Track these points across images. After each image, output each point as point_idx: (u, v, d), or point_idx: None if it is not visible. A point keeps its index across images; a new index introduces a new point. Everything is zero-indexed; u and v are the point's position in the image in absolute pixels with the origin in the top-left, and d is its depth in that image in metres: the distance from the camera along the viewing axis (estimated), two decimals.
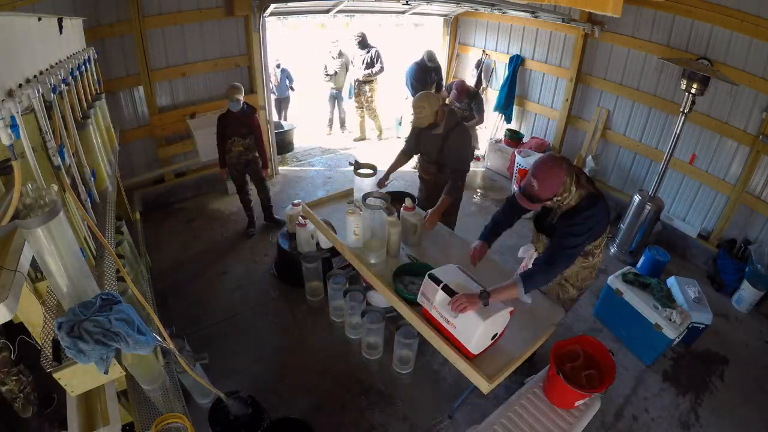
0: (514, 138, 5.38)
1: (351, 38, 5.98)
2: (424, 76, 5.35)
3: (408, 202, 2.56)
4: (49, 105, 1.60)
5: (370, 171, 2.49)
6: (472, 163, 3.22)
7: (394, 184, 5.05)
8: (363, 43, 5.82)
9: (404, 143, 3.18)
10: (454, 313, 1.77)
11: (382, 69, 5.91)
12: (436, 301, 1.86)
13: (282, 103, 6.64)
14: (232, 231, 4.23)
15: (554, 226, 2.03)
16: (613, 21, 4.14)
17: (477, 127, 5.10)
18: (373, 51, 5.83)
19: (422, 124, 2.79)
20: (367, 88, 6.05)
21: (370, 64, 5.83)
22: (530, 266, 2.12)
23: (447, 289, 1.81)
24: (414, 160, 3.48)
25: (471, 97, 4.82)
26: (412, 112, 2.83)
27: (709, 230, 3.97)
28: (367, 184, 2.48)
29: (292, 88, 6.68)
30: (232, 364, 2.81)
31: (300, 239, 3.32)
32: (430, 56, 5.33)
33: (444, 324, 1.87)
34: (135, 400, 1.79)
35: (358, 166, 2.52)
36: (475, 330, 1.74)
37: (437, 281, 1.84)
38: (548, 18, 4.55)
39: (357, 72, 6.00)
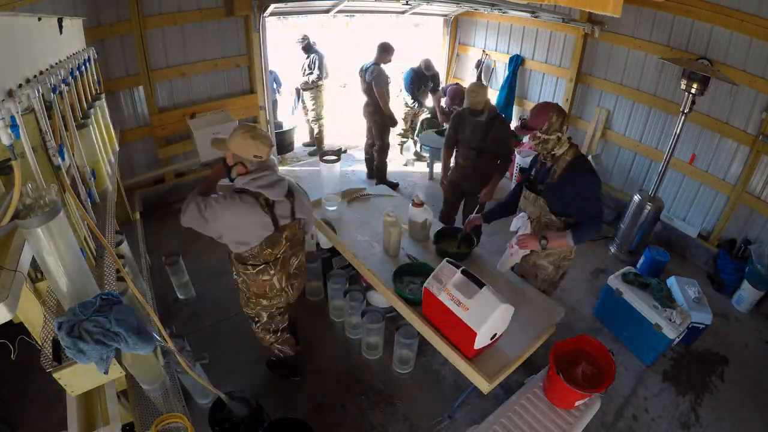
0: (513, 138, 5.38)
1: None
2: (421, 83, 5.26)
3: (417, 198, 2.58)
4: (49, 105, 1.60)
5: (334, 157, 2.56)
6: None
7: (401, 185, 5.07)
8: (306, 48, 5.53)
9: (444, 139, 3.52)
10: (468, 295, 1.78)
11: (319, 77, 5.54)
12: (450, 282, 1.83)
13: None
14: None
15: (555, 186, 2.20)
16: (613, 21, 4.14)
17: None
18: (313, 56, 5.49)
19: (477, 106, 3.09)
20: (307, 95, 5.74)
21: (309, 72, 5.55)
22: (521, 230, 2.32)
23: (466, 273, 1.83)
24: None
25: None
26: (466, 97, 3.11)
27: (709, 230, 3.97)
28: (333, 170, 2.59)
29: (278, 92, 6.49)
30: (232, 364, 2.81)
31: None
32: (428, 65, 5.17)
33: (453, 307, 1.79)
34: (135, 400, 1.79)
35: (323, 153, 2.60)
36: (491, 312, 1.70)
37: (456, 266, 1.88)
38: (548, 18, 4.55)
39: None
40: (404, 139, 5.89)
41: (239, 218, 1.83)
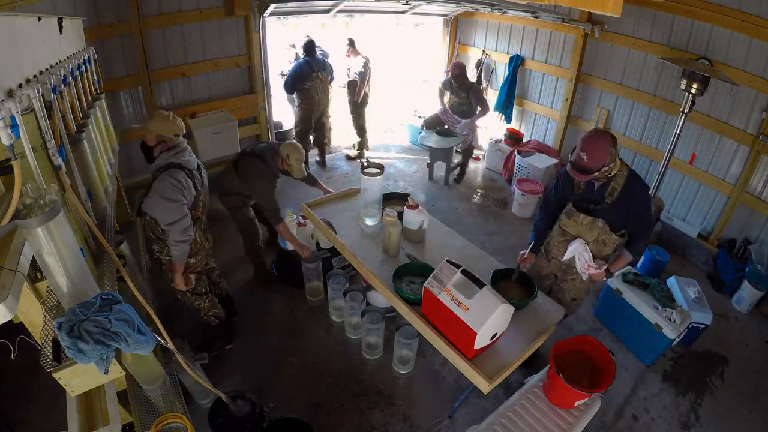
0: (514, 138, 5.39)
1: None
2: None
3: (411, 200, 2.57)
4: (49, 105, 1.60)
5: (377, 170, 2.53)
6: (471, 162, 3.25)
7: (397, 186, 5.07)
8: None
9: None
10: (468, 295, 1.77)
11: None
12: (450, 282, 1.83)
13: None
14: (231, 231, 4.22)
15: (615, 205, 2.19)
16: (613, 21, 4.14)
17: (481, 120, 5.11)
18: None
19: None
20: None
21: None
22: (585, 256, 2.36)
23: (466, 273, 1.83)
24: None
25: (467, 89, 4.90)
26: None
27: (709, 230, 3.97)
28: (374, 184, 2.54)
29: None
30: (232, 364, 2.81)
31: (299, 239, 3.31)
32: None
33: (453, 307, 1.79)
34: (135, 400, 1.79)
35: (366, 166, 2.56)
36: (491, 312, 1.69)
37: (456, 265, 1.87)
38: (548, 18, 4.55)
39: None
40: None
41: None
